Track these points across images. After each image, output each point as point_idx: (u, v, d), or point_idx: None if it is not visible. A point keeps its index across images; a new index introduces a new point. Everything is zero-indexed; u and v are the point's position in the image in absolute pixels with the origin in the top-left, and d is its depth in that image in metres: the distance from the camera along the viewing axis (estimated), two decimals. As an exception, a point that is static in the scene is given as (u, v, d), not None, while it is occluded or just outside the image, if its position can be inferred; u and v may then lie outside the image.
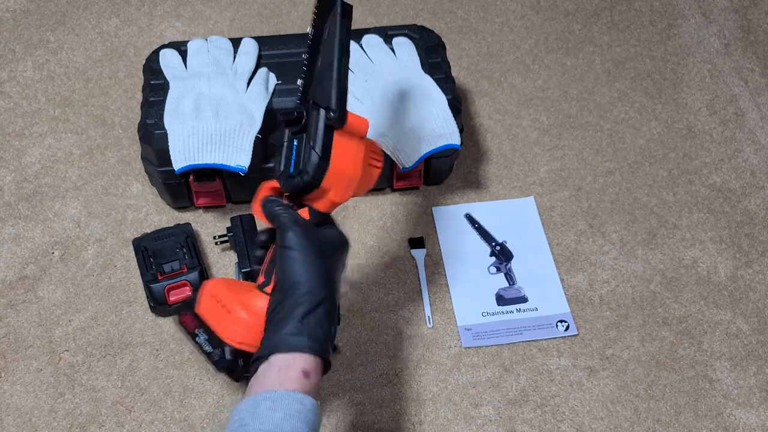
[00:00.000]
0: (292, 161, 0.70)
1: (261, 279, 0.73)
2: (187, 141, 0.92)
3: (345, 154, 0.71)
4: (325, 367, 0.66)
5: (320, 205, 0.72)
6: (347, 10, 0.71)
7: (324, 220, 0.73)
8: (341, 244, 0.73)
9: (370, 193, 1.07)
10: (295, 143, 0.70)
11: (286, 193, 0.73)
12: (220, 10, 1.32)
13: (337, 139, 0.70)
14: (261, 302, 0.72)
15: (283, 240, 0.68)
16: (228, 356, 0.72)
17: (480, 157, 1.13)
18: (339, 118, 0.69)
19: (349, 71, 1.02)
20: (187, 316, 0.76)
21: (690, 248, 1.03)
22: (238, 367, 0.73)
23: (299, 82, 0.74)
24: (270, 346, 0.64)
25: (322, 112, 0.69)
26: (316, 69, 0.73)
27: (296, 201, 0.72)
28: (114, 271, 0.98)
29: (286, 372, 0.62)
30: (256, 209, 0.74)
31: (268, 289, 0.71)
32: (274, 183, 0.74)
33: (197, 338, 0.75)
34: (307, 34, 0.74)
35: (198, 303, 0.75)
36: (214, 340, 0.73)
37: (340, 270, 0.72)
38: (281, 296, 0.66)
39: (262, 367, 0.64)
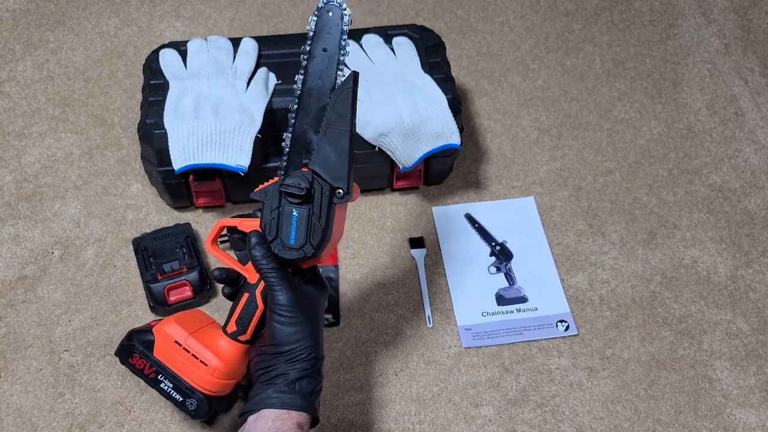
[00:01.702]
0: (292, 232, 0.70)
1: (233, 327, 0.74)
2: (187, 141, 0.92)
3: (338, 222, 0.73)
4: (313, 422, 0.70)
5: (304, 264, 0.74)
6: (357, 82, 0.72)
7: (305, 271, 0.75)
8: (323, 291, 0.75)
9: (370, 193, 1.07)
10: (295, 213, 0.70)
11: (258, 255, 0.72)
12: (220, 10, 1.32)
13: (336, 211, 0.72)
14: (232, 349, 0.74)
15: (274, 304, 0.70)
16: (206, 407, 0.74)
17: (480, 157, 1.13)
18: (348, 196, 0.71)
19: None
20: (135, 356, 0.75)
21: (690, 248, 1.03)
22: (216, 413, 0.76)
23: (287, 140, 0.75)
24: (262, 401, 0.68)
25: (329, 188, 0.70)
26: (306, 129, 0.75)
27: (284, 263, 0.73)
28: (114, 271, 0.98)
29: (282, 422, 0.66)
30: (209, 247, 0.76)
31: (243, 337, 0.74)
32: (229, 221, 0.75)
33: (161, 385, 0.74)
34: (295, 87, 0.75)
35: (156, 347, 0.74)
36: (183, 389, 0.74)
37: (323, 317, 0.75)
38: (272, 356, 0.70)
39: (252, 418, 0.67)
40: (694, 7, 1.38)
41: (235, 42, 1.04)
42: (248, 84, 0.98)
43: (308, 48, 0.75)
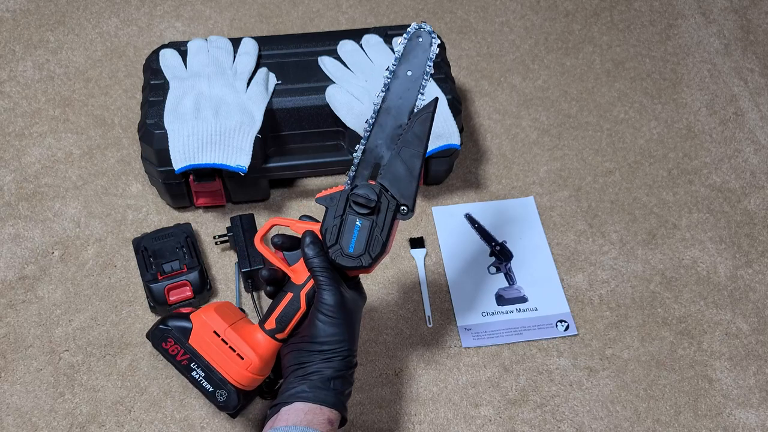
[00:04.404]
0: (353, 241, 0.72)
1: (272, 324, 0.74)
2: (187, 141, 0.92)
3: (393, 237, 0.74)
4: (342, 422, 0.72)
5: (351, 273, 0.75)
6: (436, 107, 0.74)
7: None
8: (363, 299, 0.78)
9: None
10: (359, 223, 0.72)
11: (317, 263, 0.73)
12: (220, 10, 1.32)
13: (394, 226, 0.74)
14: (268, 346, 0.75)
15: (320, 302, 0.71)
16: (236, 399, 0.74)
17: (480, 157, 1.13)
18: (411, 214, 0.73)
19: (349, 71, 1.02)
20: (170, 341, 0.74)
21: (690, 248, 1.03)
22: (242, 407, 0.76)
23: (359, 152, 0.75)
24: (296, 394, 0.69)
25: (395, 204, 0.73)
26: (380, 148, 0.76)
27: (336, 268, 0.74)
28: (114, 271, 0.98)
29: (314, 416, 0.68)
30: (258, 243, 0.76)
31: (280, 335, 0.74)
32: (281, 221, 0.76)
33: (192, 373, 0.74)
34: (374, 103, 0.76)
35: (193, 335, 0.74)
36: (215, 379, 0.74)
37: (360, 325, 0.76)
38: (310, 353, 0.71)
39: (285, 409, 0.69)
40: (693, 7, 1.38)
41: (235, 42, 1.04)
42: (248, 84, 0.98)
43: (393, 68, 0.76)
